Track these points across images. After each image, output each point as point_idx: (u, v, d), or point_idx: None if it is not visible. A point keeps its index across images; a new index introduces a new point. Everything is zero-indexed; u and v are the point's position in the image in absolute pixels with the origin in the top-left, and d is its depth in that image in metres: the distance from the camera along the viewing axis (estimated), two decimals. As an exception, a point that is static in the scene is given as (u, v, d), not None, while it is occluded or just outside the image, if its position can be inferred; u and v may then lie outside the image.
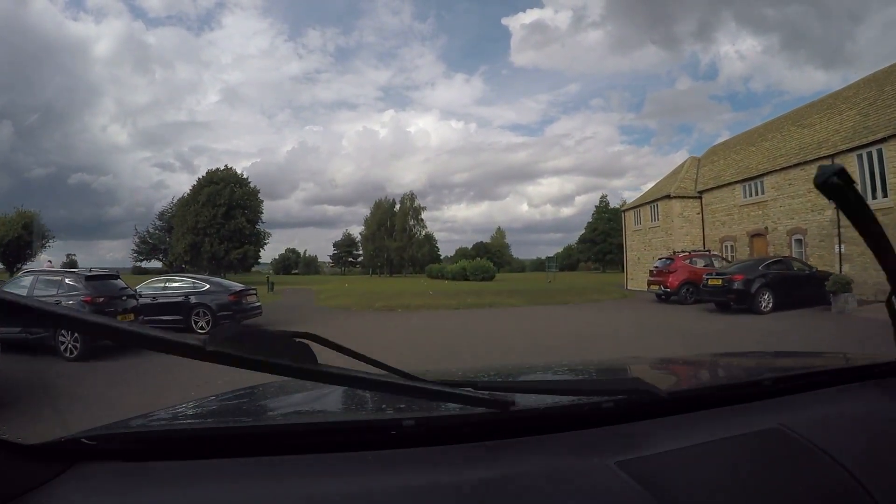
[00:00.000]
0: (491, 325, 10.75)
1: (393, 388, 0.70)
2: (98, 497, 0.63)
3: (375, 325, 10.89)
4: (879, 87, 16.74)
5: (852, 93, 18.11)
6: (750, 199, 18.89)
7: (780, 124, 20.90)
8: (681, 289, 14.27)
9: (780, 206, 17.56)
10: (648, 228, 23.21)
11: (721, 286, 11.70)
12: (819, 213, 16.08)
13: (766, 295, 11.42)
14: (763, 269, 11.93)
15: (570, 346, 7.92)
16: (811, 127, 18.27)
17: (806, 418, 0.81)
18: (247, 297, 10.40)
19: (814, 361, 1.43)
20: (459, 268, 39.65)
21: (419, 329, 10.24)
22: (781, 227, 17.46)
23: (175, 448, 0.73)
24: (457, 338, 8.91)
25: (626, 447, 0.71)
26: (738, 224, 19.44)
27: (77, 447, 0.70)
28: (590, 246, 61.59)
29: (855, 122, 16.17)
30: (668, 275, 14.70)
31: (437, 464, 0.68)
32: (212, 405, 1.10)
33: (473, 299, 16.31)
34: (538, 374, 1.40)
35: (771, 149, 19.48)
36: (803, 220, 16.63)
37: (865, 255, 14.50)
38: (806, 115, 19.40)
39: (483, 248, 73.20)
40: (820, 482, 0.68)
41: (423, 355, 7.32)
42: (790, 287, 11.91)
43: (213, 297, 9.92)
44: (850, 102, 17.49)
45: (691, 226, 21.27)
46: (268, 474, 0.66)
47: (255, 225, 39.15)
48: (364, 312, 13.92)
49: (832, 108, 18.14)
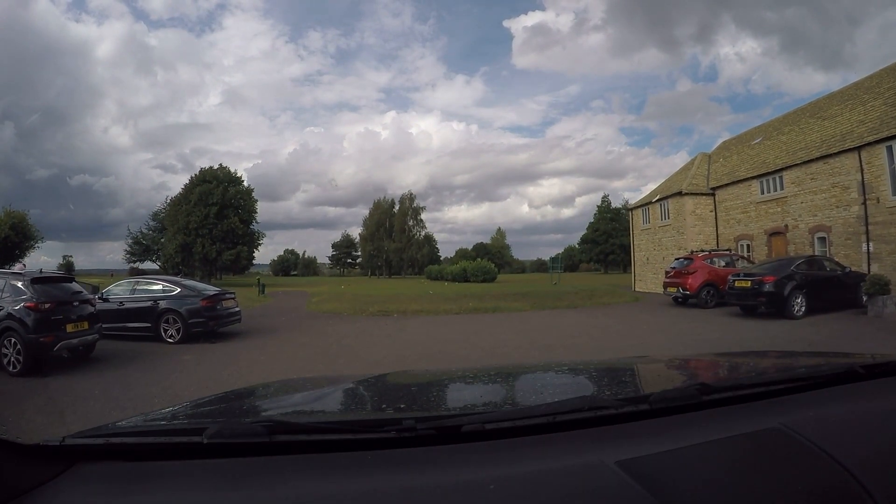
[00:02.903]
0: (496, 333, 9.63)
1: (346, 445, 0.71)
2: (98, 497, 0.63)
3: (365, 336, 9.75)
4: (905, 76, 15.76)
5: (874, 83, 17.11)
6: (768, 195, 17.85)
7: (796, 117, 19.90)
8: (701, 291, 13.16)
9: (801, 203, 16.52)
10: (658, 227, 22.15)
11: (750, 288, 10.59)
12: (845, 209, 15.05)
13: (799, 298, 10.34)
14: (794, 269, 10.84)
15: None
16: (833, 119, 17.24)
17: (806, 418, 0.80)
18: (223, 301, 9.29)
19: (814, 361, 1.43)
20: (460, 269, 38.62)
21: (414, 340, 9.09)
22: (803, 225, 16.42)
23: (175, 448, 0.73)
24: (457, 351, 7.80)
25: (626, 447, 0.71)
26: (754, 222, 18.39)
27: (77, 447, 0.71)
28: (591, 246, 60.83)
29: (882, 112, 15.14)
30: (686, 276, 13.56)
31: (437, 464, 0.68)
32: (211, 405, 1.08)
33: (475, 303, 15.19)
34: (534, 379, 1.39)
35: (789, 142, 18.46)
36: (827, 216, 15.59)
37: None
38: (826, 107, 18.38)
39: (483, 249, 72.40)
40: (820, 482, 0.68)
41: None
42: (823, 289, 10.86)
43: (183, 302, 8.81)
44: (873, 93, 16.47)
45: (704, 224, 20.23)
46: (268, 474, 0.65)
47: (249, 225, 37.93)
48: (355, 319, 12.79)
49: (854, 99, 17.12)
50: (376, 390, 1.16)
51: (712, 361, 1.59)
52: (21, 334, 6.63)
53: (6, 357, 6.72)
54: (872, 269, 13.90)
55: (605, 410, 0.78)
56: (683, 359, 1.66)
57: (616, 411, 0.79)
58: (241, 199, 37.05)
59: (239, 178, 37.73)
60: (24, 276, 7.30)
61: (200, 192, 35.16)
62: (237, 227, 36.15)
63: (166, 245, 37.27)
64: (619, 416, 0.79)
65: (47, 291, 7.08)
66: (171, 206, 39.19)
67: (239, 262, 37.04)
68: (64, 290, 7.44)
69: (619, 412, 0.79)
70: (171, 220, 36.89)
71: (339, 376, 1.12)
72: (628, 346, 7.88)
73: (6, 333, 6.74)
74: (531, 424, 0.76)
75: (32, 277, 7.18)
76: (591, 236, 60.86)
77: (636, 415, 0.80)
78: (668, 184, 23.38)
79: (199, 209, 34.92)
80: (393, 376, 1.41)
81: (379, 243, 61.44)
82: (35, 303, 6.78)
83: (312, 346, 8.62)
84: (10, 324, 6.71)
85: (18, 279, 7.17)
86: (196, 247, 34.64)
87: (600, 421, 0.78)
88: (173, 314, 8.74)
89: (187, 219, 34.98)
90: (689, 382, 1.20)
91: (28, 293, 6.90)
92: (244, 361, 7.13)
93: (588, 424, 0.77)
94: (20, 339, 6.63)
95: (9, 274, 7.54)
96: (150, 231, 48.61)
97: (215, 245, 34.86)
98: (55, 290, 7.27)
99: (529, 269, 77.59)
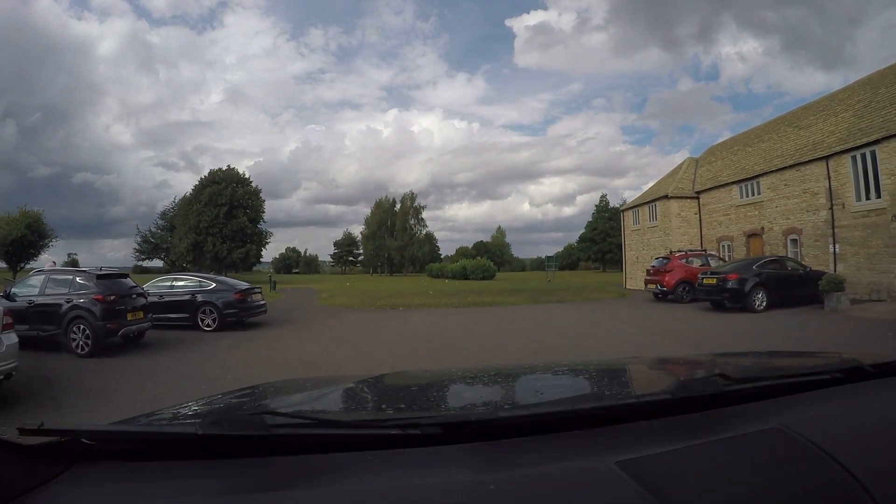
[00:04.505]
0: (490, 323, 10.99)
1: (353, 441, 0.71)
2: (98, 497, 0.64)
3: (376, 324, 11.13)
4: (874, 89, 16.93)
5: (847, 94, 18.30)
6: (746, 199, 19.12)
7: (776, 125, 21.13)
8: (677, 287, 14.52)
9: (775, 207, 17.79)
10: (647, 228, 23.43)
11: (716, 285, 11.95)
12: (814, 213, 16.31)
13: (760, 294, 11.66)
14: (757, 268, 12.17)
15: (568, 344, 8.15)
16: (807, 128, 18.48)
17: (806, 418, 0.81)
18: (252, 295, 10.66)
19: (814, 361, 1.43)
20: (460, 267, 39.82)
21: (419, 328, 10.49)
22: (777, 228, 17.69)
23: (175, 448, 0.73)
24: (457, 336, 9.14)
25: (626, 447, 0.71)
26: (734, 224, 19.67)
27: (77, 447, 0.70)
28: (590, 245, 61.72)
29: (850, 123, 16.36)
30: (664, 274, 14.94)
31: (438, 464, 0.69)
32: (211, 405, 1.09)
33: (474, 298, 16.55)
34: (534, 379, 1.40)
35: (767, 150, 19.71)
36: (799, 220, 16.86)
37: (860, 254, 14.82)
38: (802, 117, 19.61)
39: (483, 248, 73.26)
40: (820, 482, 0.68)
41: (424, 353, 7.58)
42: (784, 286, 12.15)
43: (219, 296, 10.18)
44: (845, 104, 17.67)
45: (689, 226, 21.51)
46: (268, 474, 0.66)
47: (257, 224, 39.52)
48: (365, 311, 14.16)
49: (827, 110, 18.34)
50: (376, 390, 1.16)
51: (711, 361, 1.58)
52: (90, 322, 7.89)
53: (75, 341, 7.98)
54: (838, 268, 15.17)
55: (605, 409, 0.78)
56: (681, 359, 1.68)
57: (616, 411, 0.79)
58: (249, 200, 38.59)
59: (247, 179, 39.35)
60: (89, 273, 8.60)
61: (210, 192, 36.71)
62: (246, 227, 37.72)
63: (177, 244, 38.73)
64: (619, 416, 0.79)
65: (110, 286, 8.38)
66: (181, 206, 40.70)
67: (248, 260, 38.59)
68: (122, 284, 8.76)
69: (618, 412, 0.79)
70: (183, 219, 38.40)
71: (340, 376, 1.12)
72: (602, 332, 9.28)
73: (76, 321, 7.99)
74: (531, 424, 0.77)
75: (97, 274, 8.48)
76: (590, 235, 61.81)
77: (636, 415, 0.80)
78: (657, 187, 24.66)
79: (209, 209, 36.49)
80: (393, 376, 1.43)
81: (381, 242, 62.59)
82: (102, 295, 8.07)
83: (332, 331, 10.02)
84: (80, 313, 7.97)
85: (85, 276, 8.48)
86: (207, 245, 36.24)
87: (600, 421, 0.78)
88: (210, 306, 10.09)
89: (198, 218, 36.55)
90: (689, 382, 1.26)
91: (95, 287, 8.21)
92: (278, 344, 8.49)
93: (588, 424, 0.77)
94: (89, 326, 7.88)
95: (75, 272, 8.86)
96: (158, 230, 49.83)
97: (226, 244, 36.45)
98: (115, 284, 8.58)
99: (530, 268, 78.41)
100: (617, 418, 0.79)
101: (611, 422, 0.79)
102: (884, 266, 13.97)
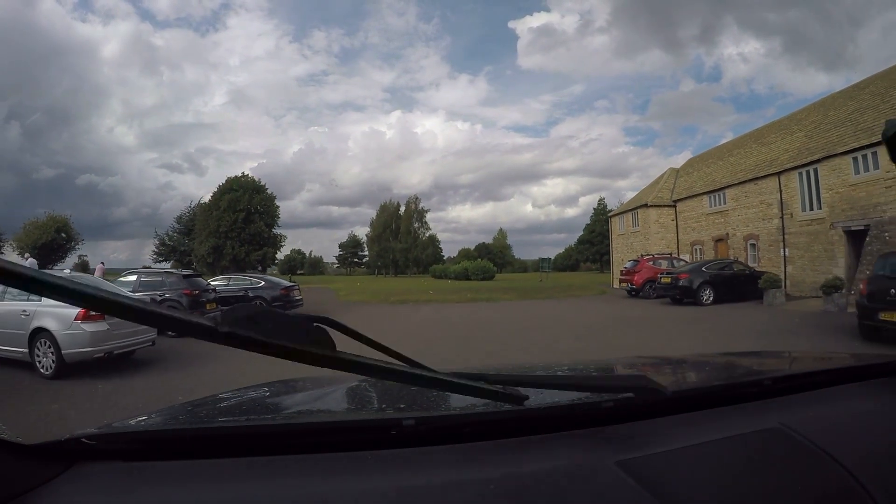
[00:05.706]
0: (485, 314, 13.61)
1: (409, 378, 0.69)
2: (98, 497, 0.63)
3: (393, 314, 13.78)
4: (825, 112, 19.38)
5: (804, 115, 20.77)
6: (714, 208, 21.64)
7: (744, 142, 23.64)
8: (644, 286, 17.11)
9: (738, 215, 20.30)
10: (630, 233, 25.99)
11: (671, 283, 14.51)
12: (768, 221, 18.83)
13: (707, 290, 14.20)
14: (706, 269, 14.73)
15: (546, 326, 10.71)
16: (768, 146, 20.96)
17: (806, 418, 0.81)
18: (293, 291, 13.28)
19: (814, 361, 1.46)
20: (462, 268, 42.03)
21: (430, 316, 13.18)
22: (739, 234, 20.20)
23: (175, 448, 0.74)
24: (458, 322, 11.74)
25: (626, 447, 0.72)
26: (705, 230, 22.19)
27: (77, 447, 0.70)
28: (588, 247, 63.54)
29: (801, 143, 18.83)
30: (634, 274, 17.56)
31: (437, 464, 0.69)
32: (211, 405, 1.10)
33: (473, 294, 19.19)
34: (544, 373, 1.38)
35: (734, 164, 22.24)
36: (756, 227, 19.36)
37: (805, 257, 17.44)
38: (766, 134, 22.09)
39: (485, 249, 74.75)
40: (820, 482, 0.69)
41: (436, 331, 10.15)
42: (729, 284, 14.68)
43: (268, 291, 12.79)
44: (801, 125, 20.12)
45: (666, 231, 24.05)
46: (268, 474, 0.66)
47: (272, 229, 42.47)
48: (381, 305, 16.81)
49: (786, 129, 20.82)
50: (376, 390, 1.17)
51: (711, 361, 1.57)
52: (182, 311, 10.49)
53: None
54: (788, 269, 17.70)
55: (605, 410, 0.79)
56: (681, 358, 1.69)
57: (616, 411, 0.79)
58: (265, 206, 41.48)
59: (263, 187, 42.20)
60: (177, 273, 11.19)
61: (229, 199, 39.58)
62: (263, 231, 40.60)
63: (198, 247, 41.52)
64: (619, 415, 0.79)
65: (193, 283, 10.98)
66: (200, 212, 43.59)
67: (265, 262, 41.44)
68: (200, 282, 11.37)
69: (618, 412, 0.79)
70: (202, 224, 41.28)
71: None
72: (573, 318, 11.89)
73: (169, 310, 10.61)
74: (531, 425, 0.77)
75: (183, 274, 11.09)
76: (588, 237, 63.69)
77: (636, 414, 0.80)
78: (640, 195, 27.24)
79: (227, 215, 39.33)
80: None
81: (385, 244, 64.53)
82: (190, 290, 10.68)
83: (360, 318, 12.63)
84: (174, 304, 10.58)
85: (174, 276, 11.06)
86: (226, 248, 39.10)
87: (600, 421, 0.78)
88: (261, 300, 12.68)
89: (218, 223, 39.44)
90: (688, 382, 1.27)
91: (183, 284, 10.80)
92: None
93: (588, 424, 0.78)
94: (180, 314, 10.48)
95: (165, 273, 11.48)
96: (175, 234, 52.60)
97: (244, 247, 39.33)
98: (195, 282, 11.18)
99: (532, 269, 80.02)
100: (617, 418, 0.79)
101: (611, 421, 0.79)
102: (823, 267, 16.41)
